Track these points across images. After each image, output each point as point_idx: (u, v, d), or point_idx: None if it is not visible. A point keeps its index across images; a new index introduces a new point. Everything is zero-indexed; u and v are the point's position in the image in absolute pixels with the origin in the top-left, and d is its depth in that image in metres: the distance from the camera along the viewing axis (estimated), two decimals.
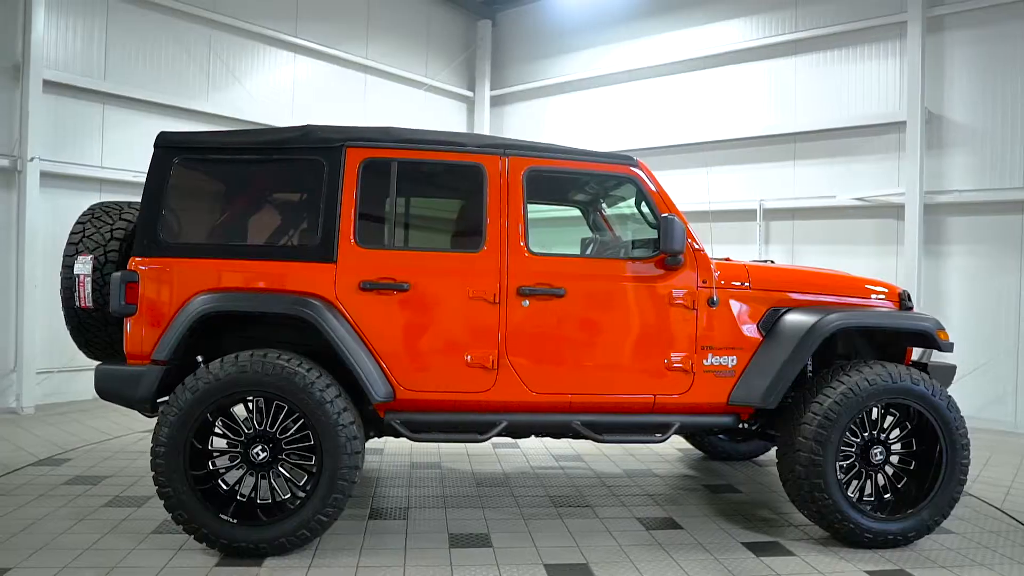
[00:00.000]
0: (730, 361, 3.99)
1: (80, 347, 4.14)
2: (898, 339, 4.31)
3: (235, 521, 3.53)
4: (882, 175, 7.88)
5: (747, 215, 8.91)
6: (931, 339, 4.04)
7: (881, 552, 3.81)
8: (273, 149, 3.87)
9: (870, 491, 4.00)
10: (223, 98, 8.64)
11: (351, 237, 3.78)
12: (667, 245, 3.74)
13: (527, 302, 3.84)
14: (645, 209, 4.18)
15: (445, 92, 11.59)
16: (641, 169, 4.04)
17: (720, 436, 5.72)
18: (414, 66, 11.04)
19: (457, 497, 4.65)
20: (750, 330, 4.01)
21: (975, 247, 7.35)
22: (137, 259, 3.73)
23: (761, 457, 5.89)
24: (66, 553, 3.54)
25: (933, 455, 3.92)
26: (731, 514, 4.42)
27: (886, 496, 4.02)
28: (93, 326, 4.00)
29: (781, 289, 4.09)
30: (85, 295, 3.86)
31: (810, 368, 4.26)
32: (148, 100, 7.83)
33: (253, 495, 3.67)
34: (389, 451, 5.83)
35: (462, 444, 6.09)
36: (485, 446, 6.10)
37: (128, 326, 3.72)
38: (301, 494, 3.59)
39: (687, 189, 9.55)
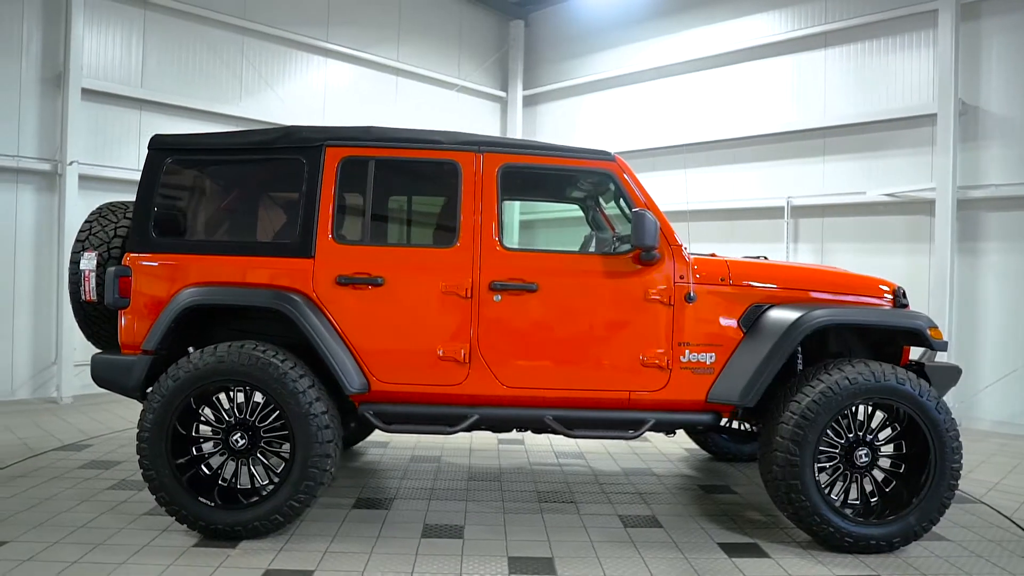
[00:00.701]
0: (708, 358, 3.92)
1: (88, 338, 4.40)
2: (893, 338, 4.16)
3: (213, 504, 3.69)
4: (914, 170, 7.57)
5: (775, 212, 8.68)
6: (922, 337, 3.89)
7: (863, 557, 3.68)
8: (258, 149, 4.02)
9: (857, 494, 3.87)
10: (255, 103, 8.97)
11: (328, 233, 3.89)
12: (638, 239, 3.71)
13: (499, 297, 3.87)
14: (624, 204, 4.16)
15: (478, 93, 11.70)
16: (619, 164, 4.03)
17: (723, 436, 5.62)
18: (446, 68, 11.19)
19: (445, 490, 4.72)
20: (730, 326, 3.94)
21: (1012, 244, 6.97)
22: (130, 255, 3.95)
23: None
24: (61, 530, 3.77)
25: (924, 458, 3.77)
26: (718, 515, 4.34)
27: (873, 500, 3.89)
28: (98, 318, 4.24)
29: (762, 285, 4.00)
30: (89, 289, 4.10)
31: (801, 367, 4.17)
32: (182, 106, 8.20)
33: (234, 480, 3.84)
34: (394, 445, 5.95)
35: (466, 439, 6.17)
36: (490, 441, 6.15)
37: (122, 318, 3.94)
38: (276, 480, 3.72)
39: (715, 187, 9.41)
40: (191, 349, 4.00)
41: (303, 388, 3.66)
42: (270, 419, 3.77)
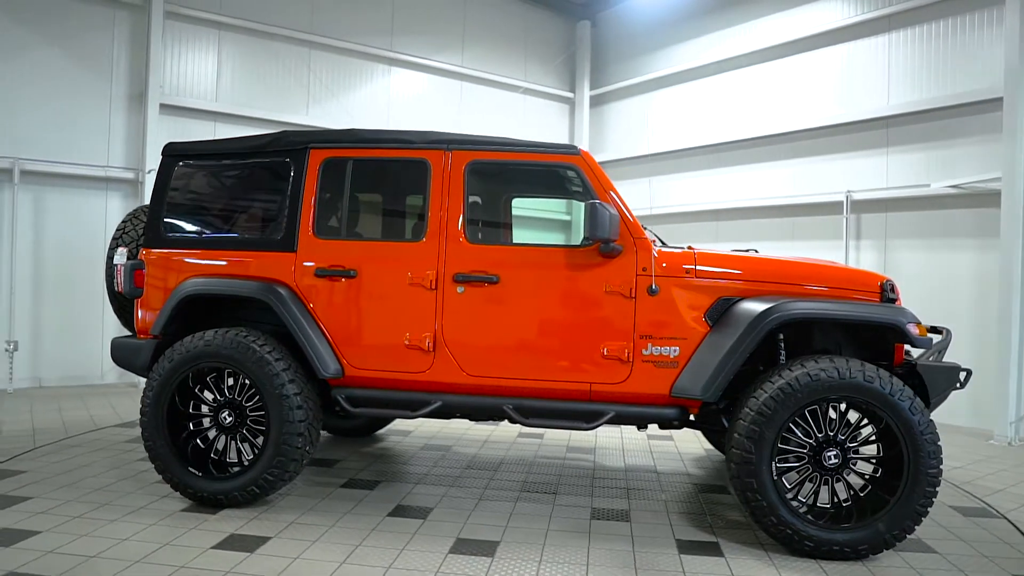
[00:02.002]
0: (672, 351, 3.87)
1: (123, 325, 4.97)
2: (883, 335, 3.92)
3: (200, 474, 4.08)
4: (981, 159, 6.95)
5: (833, 208, 8.23)
6: (901, 333, 3.64)
7: (826, 564, 3.51)
8: (254, 153, 4.39)
9: (829, 497, 3.69)
10: (321, 112, 9.56)
11: (310, 229, 4.19)
12: (592, 231, 3.72)
13: (462, 288, 4.01)
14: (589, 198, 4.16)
15: (545, 95, 11.83)
16: (583, 158, 4.05)
17: None
18: (512, 71, 11.40)
19: (436, 476, 4.90)
20: (695, 320, 3.86)
21: None
22: (144, 250, 4.43)
23: None
24: (79, 491, 4.28)
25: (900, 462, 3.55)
26: (699, 513, 4.25)
27: (846, 503, 3.69)
28: (128, 307, 4.78)
29: (732, 278, 3.89)
30: (120, 281, 4.63)
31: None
32: (253, 116, 8.90)
33: (228, 454, 4.21)
34: (415, 434, 6.20)
35: (485, 430, 6.33)
36: (509, 433, 6.28)
37: (137, 306, 4.43)
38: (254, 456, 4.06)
39: (773, 183, 9.04)
40: None
41: (278, 371, 3.97)
42: (254, 400, 4.12)
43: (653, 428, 5.82)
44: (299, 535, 3.69)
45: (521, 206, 5.07)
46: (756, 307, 3.72)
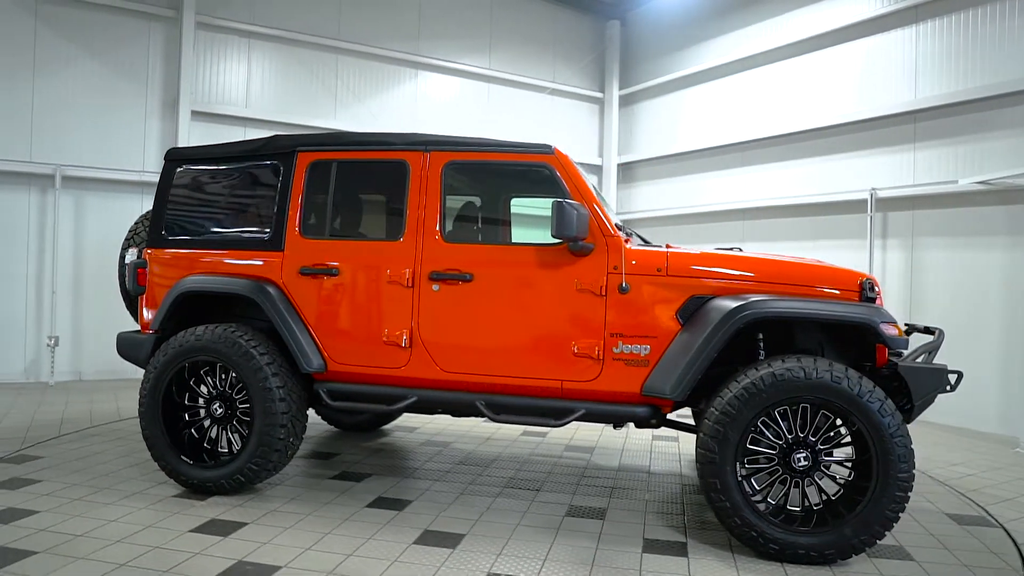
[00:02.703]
0: (643, 350, 3.86)
1: (135, 320, 5.24)
2: (863, 335, 3.81)
3: (190, 462, 4.28)
4: (1014, 153, 6.63)
5: (857, 207, 7.98)
6: (874, 332, 3.55)
7: (792, 569, 3.45)
8: (247, 156, 4.58)
9: (800, 500, 3.62)
10: (349, 116, 9.81)
11: (296, 228, 4.36)
12: (557, 230, 3.75)
13: (437, 286, 4.10)
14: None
15: (574, 95, 11.81)
16: (556, 157, 4.09)
17: None
18: (540, 72, 11.43)
19: (427, 470, 5.00)
20: (666, 318, 3.84)
21: None
22: (148, 250, 4.68)
23: None
24: (87, 475, 4.55)
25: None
26: (677, 514, 4.23)
27: (816, 507, 3.62)
28: (137, 302, 5.05)
29: (704, 276, 3.85)
30: (130, 279, 4.91)
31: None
32: (282, 121, 9.20)
33: (220, 444, 4.41)
34: (421, 430, 6.33)
35: (490, 427, 6.40)
36: (512, 430, 6.34)
37: (140, 303, 4.68)
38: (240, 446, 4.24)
39: (796, 182, 8.83)
40: None
41: (261, 365, 4.14)
42: (242, 392, 4.30)
43: (660, 429, 5.77)
44: (275, 522, 3.85)
45: (516, 204, 5.11)
46: (725, 306, 3.68)
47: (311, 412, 6.58)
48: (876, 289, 3.79)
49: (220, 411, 4.34)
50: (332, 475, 4.81)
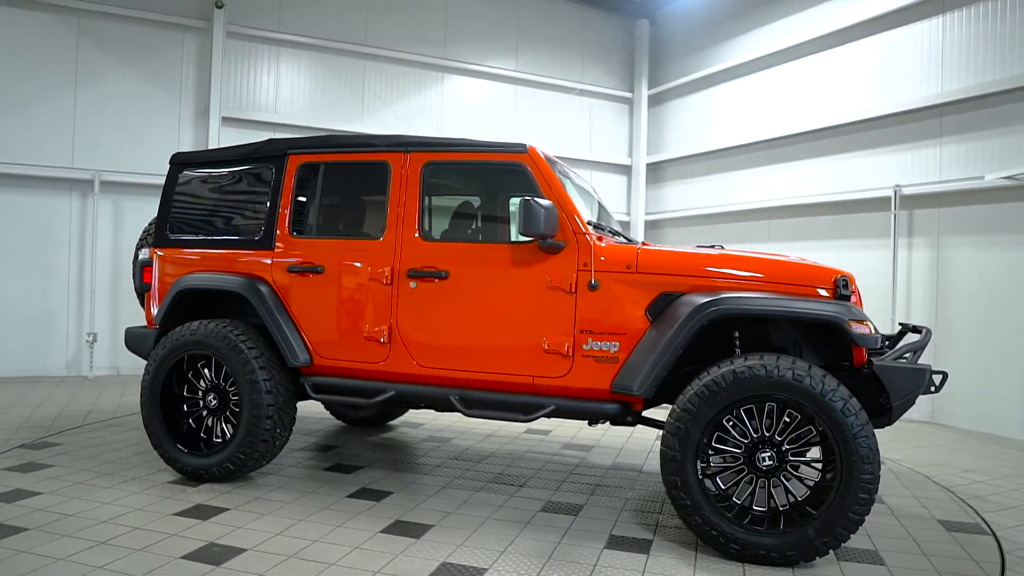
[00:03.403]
0: (612, 347, 3.87)
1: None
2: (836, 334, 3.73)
3: (185, 450, 4.50)
4: None
5: (880, 204, 7.73)
6: (841, 330, 3.47)
7: (754, 570, 3.40)
8: (244, 160, 4.79)
9: (766, 500, 3.57)
10: (375, 120, 10.06)
11: (285, 228, 4.54)
12: (524, 228, 3.79)
13: (415, 283, 4.21)
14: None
15: (602, 95, 11.80)
16: (530, 156, 4.13)
17: None
18: (568, 73, 11.46)
19: (419, 464, 5.11)
20: (636, 316, 3.84)
21: None
22: (153, 249, 4.95)
23: None
24: (95, 461, 4.83)
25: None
26: (654, 512, 4.21)
27: (783, 508, 3.56)
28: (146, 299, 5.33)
29: (673, 273, 3.83)
30: (137, 277, 5.19)
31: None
32: (310, 126, 9.50)
33: (214, 434, 4.63)
34: (426, 426, 6.45)
35: (494, 424, 6.47)
36: (516, 428, 6.39)
37: (146, 299, 4.95)
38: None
39: (820, 180, 8.61)
40: None
41: (249, 358, 4.32)
42: (235, 385, 4.49)
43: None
44: (256, 508, 4.01)
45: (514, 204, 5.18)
46: (691, 303, 3.66)
47: (320, 407, 6.80)
48: (851, 287, 3.71)
49: (214, 402, 4.55)
50: (325, 466, 4.98)
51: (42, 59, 8.25)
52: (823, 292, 3.68)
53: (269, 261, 4.54)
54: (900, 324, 4.60)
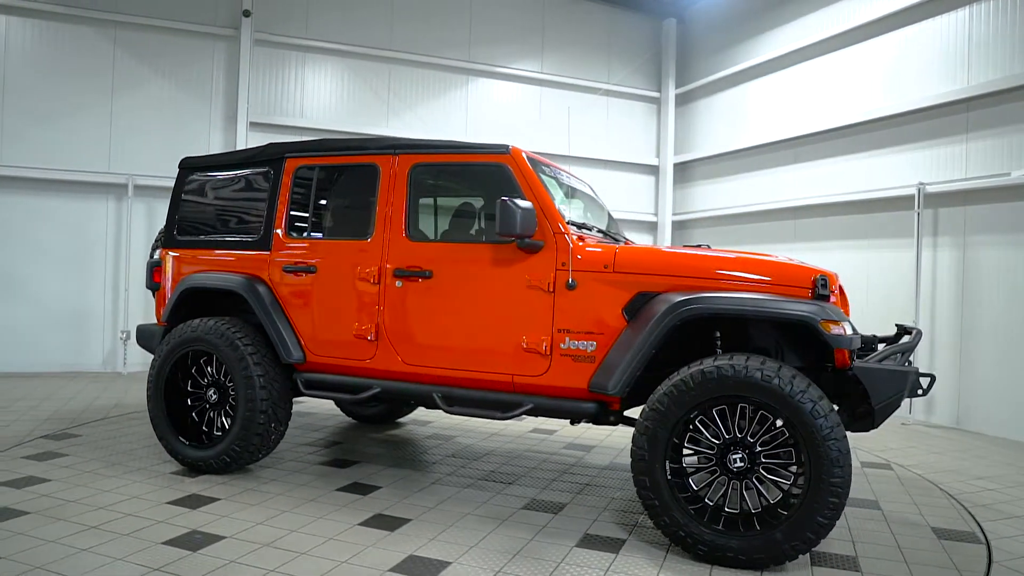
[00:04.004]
0: (589, 346, 3.88)
1: None
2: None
3: (187, 443, 4.69)
4: None
5: (902, 203, 7.49)
6: (813, 329, 3.40)
7: (722, 571, 3.37)
8: (246, 163, 4.97)
9: (738, 501, 3.53)
10: (400, 123, 10.23)
11: (281, 229, 4.69)
12: (500, 228, 3.81)
13: (400, 283, 4.30)
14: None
15: (629, 96, 11.73)
16: (512, 157, 4.17)
17: None
18: (595, 73, 11.44)
19: (415, 461, 5.20)
20: (612, 315, 3.84)
21: None
22: (163, 250, 5.17)
23: None
24: (106, 452, 5.08)
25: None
26: (636, 512, 4.19)
27: (755, 511, 3.51)
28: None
29: (650, 273, 3.82)
30: (147, 277, 5.43)
31: None
32: (335, 130, 9.73)
33: (217, 427, 4.81)
34: (436, 424, 6.55)
35: (501, 424, 6.53)
36: (523, 427, 6.43)
37: (156, 298, 5.18)
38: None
39: (845, 178, 8.39)
40: None
41: (244, 355, 4.48)
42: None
43: None
44: (245, 499, 4.16)
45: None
46: (664, 302, 3.65)
47: (331, 404, 6.97)
48: (830, 287, 3.63)
49: (214, 397, 4.73)
50: (323, 461, 5.11)
51: (81, 71, 8.69)
52: (802, 292, 3.62)
53: (267, 261, 4.70)
54: (896, 325, 4.48)
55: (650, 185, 11.92)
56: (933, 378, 3.89)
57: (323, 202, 4.77)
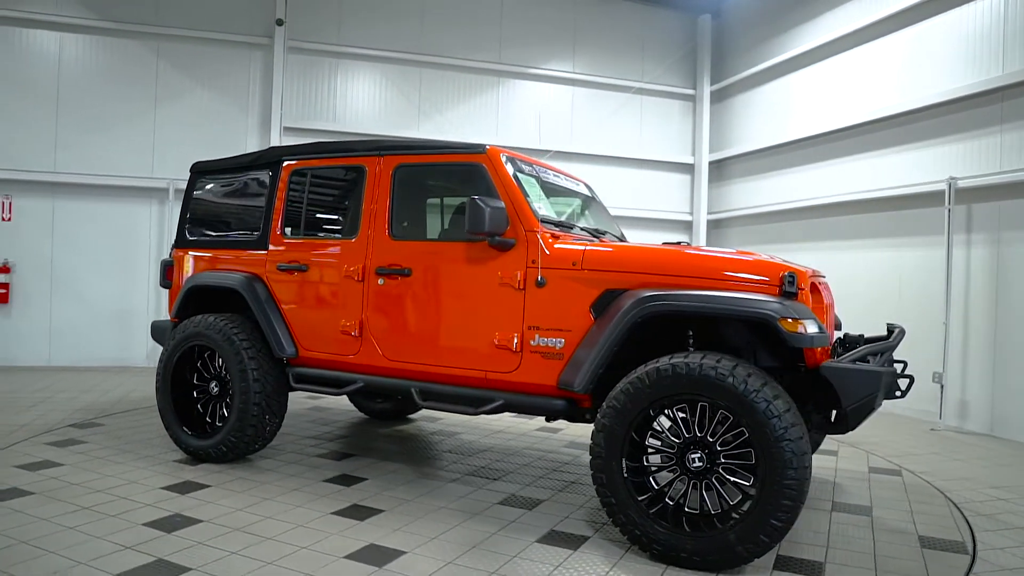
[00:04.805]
0: (558, 343, 3.90)
1: None
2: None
3: (189, 432, 4.94)
4: None
5: (931, 199, 7.16)
6: (772, 327, 3.33)
7: (677, 571, 3.34)
8: (249, 167, 5.20)
9: (699, 501, 3.48)
10: (431, 125, 10.42)
11: (277, 230, 4.89)
12: (469, 226, 3.88)
13: (382, 280, 4.42)
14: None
15: (663, 93, 11.58)
16: (488, 156, 4.22)
17: None
18: (628, 72, 11.35)
19: (412, 456, 5.32)
20: (581, 312, 3.85)
21: None
22: (174, 250, 5.46)
23: None
24: (122, 441, 5.39)
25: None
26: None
27: (715, 513, 3.45)
28: None
29: (618, 270, 3.81)
30: (160, 276, 5.73)
31: None
32: (367, 133, 9.99)
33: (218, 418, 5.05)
34: (443, 421, 6.66)
35: (508, 422, 6.58)
36: (529, 425, 6.47)
37: (169, 295, 5.47)
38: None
39: (875, 174, 8.07)
40: None
41: (240, 350, 4.69)
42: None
43: None
44: (234, 487, 4.36)
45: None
46: (627, 301, 3.64)
47: (344, 400, 7.16)
48: (799, 284, 3.54)
49: (216, 389, 4.97)
50: (321, 453, 5.29)
51: (128, 82, 9.22)
52: (769, 289, 3.54)
53: (264, 260, 4.90)
54: (888, 324, 4.32)
55: (685, 184, 11.73)
56: (911, 379, 3.75)
57: (315, 203, 4.94)
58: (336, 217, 4.87)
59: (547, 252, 3.95)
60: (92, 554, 3.26)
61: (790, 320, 3.31)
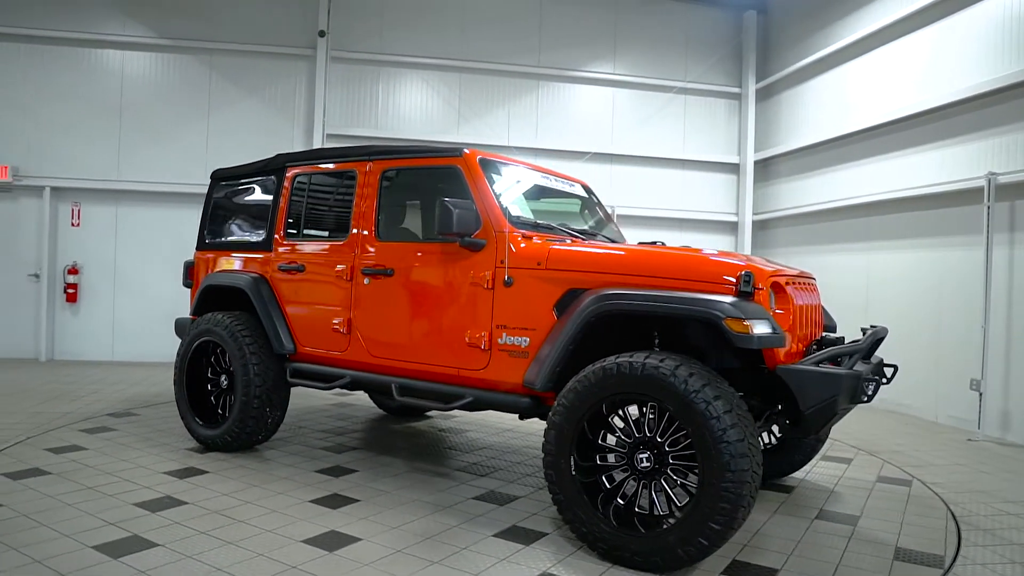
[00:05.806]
0: (523, 341, 3.96)
1: None
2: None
3: (200, 422, 5.27)
4: None
5: (969, 197, 6.75)
6: (718, 327, 3.28)
7: (621, 570, 3.34)
8: (260, 173, 5.51)
9: (657, 501, 3.47)
10: (470, 130, 10.61)
11: (280, 232, 5.16)
12: (438, 227, 3.98)
13: (368, 280, 4.60)
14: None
15: (708, 92, 11.36)
16: (465, 160, 4.32)
17: None
18: (670, 72, 11.21)
19: (410, 451, 5.48)
20: (545, 311, 3.89)
21: None
22: (196, 252, 5.84)
23: (797, 475, 4.98)
24: (148, 429, 5.80)
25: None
26: None
27: (664, 514, 3.43)
28: None
29: (580, 270, 3.83)
30: (184, 276, 6.13)
31: None
32: (409, 138, 10.27)
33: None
34: (460, 419, 6.80)
35: (516, 421, 6.66)
36: (537, 425, 6.51)
37: (191, 294, 5.86)
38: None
39: (916, 171, 7.67)
40: None
41: (243, 345, 4.98)
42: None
43: None
44: (229, 474, 4.63)
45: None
46: (584, 300, 3.67)
47: (366, 398, 7.40)
48: (755, 284, 3.46)
49: (226, 383, 5.28)
50: (325, 445, 5.53)
51: (184, 94, 9.85)
52: (726, 288, 3.48)
53: (269, 261, 5.19)
54: (871, 327, 4.15)
55: (731, 184, 11.46)
56: (878, 383, 3.62)
57: (314, 206, 5.18)
58: (331, 220, 5.09)
59: (515, 252, 4.02)
60: (77, 528, 3.57)
61: (736, 320, 3.26)
